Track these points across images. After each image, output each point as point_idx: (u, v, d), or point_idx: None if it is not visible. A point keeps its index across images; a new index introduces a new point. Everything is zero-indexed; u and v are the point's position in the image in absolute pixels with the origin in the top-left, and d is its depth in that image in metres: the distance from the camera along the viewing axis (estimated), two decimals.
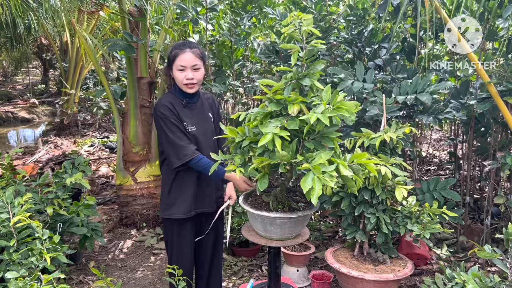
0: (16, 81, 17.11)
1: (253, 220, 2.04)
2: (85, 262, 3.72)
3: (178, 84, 2.32)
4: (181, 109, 2.33)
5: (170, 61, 2.31)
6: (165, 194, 2.43)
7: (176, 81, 2.33)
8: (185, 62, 2.26)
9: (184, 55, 2.26)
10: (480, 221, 4.21)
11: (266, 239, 2.03)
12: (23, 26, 8.26)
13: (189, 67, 2.27)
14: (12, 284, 2.02)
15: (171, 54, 2.30)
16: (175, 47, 2.31)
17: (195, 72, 2.29)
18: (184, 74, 2.27)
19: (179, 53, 2.26)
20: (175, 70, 2.28)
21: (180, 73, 2.28)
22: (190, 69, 2.28)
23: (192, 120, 2.35)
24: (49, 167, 6.17)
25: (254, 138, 1.77)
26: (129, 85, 4.33)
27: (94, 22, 9.16)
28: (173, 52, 2.29)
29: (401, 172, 2.55)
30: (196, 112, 2.40)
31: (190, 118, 2.35)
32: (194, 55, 2.27)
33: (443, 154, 7.31)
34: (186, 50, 2.26)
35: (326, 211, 4.29)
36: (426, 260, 3.48)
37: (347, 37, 3.74)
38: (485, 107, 3.08)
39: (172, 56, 2.28)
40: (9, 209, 2.52)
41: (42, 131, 10.85)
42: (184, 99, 2.36)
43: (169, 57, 2.32)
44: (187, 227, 2.43)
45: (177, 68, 2.27)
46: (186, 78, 2.28)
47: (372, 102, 3.11)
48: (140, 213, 4.45)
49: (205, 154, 2.25)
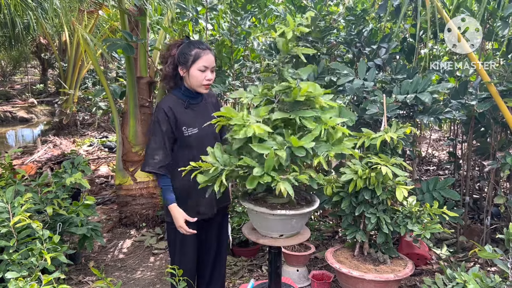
0: (14, 80, 17.09)
1: (255, 218, 2.04)
2: (85, 262, 3.72)
3: (195, 83, 2.29)
4: (182, 111, 2.32)
5: (188, 60, 2.25)
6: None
7: (191, 80, 2.29)
8: (208, 63, 2.27)
9: (208, 56, 2.26)
10: (480, 221, 4.21)
11: (268, 238, 2.02)
12: (21, 26, 8.24)
13: (209, 68, 2.28)
14: (12, 284, 2.02)
15: (190, 52, 2.25)
16: (194, 46, 2.27)
17: (212, 74, 2.31)
18: (204, 74, 2.27)
19: (202, 53, 2.25)
20: (195, 69, 2.25)
21: (201, 74, 2.26)
22: (210, 70, 2.29)
23: (194, 122, 2.33)
24: (48, 167, 6.16)
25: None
26: (129, 84, 4.32)
27: (93, 21, 9.14)
28: (193, 51, 2.25)
29: (401, 172, 2.55)
30: (199, 112, 2.38)
31: (192, 119, 2.33)
32: (213, 57, 2.30)
33: (442, 154, 7.32)
34: (207, 51, 2.27)
35: (326, 211, 4.29)
36: (426, 260, 3.48)
37: (346, 37, 3.73)
38: (486, 107, 3.08)
39: (194, 56, 2.24)
40: (9, 209, 2.52)
41: (40, 130, 10.83)
42: (187, 100, 2.35)
43: (187, 55, 2.25)
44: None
45: (198, 68, 2.25)
46: (206, 78, 2.28)
47: (372, 101, 3.11)
48: (139, 213, 4.44)
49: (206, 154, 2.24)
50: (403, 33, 4.08)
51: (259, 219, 2.00)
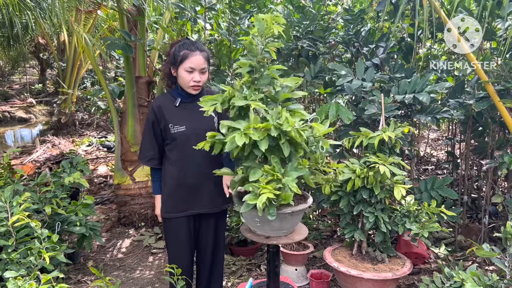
0: (13, 80, 17.04)
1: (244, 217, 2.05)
2: (83, 261, 3.72)
3: (183, 84, 2.32)
4: (171, 110, 2.35)
5: (177, 60, 2.28)
6: (166, 193, 2.45)
7: (180, 81, 2.32)
8: (195, 65, 2.26)
9: (195, 57, 2.26)
10: (478, 220, 4.22)
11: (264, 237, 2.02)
12: (20, 25, 8.23)
13: (197, 70, 2.28)
14: (11, 283, 2.02)
15: (179, 53, 2.27)
16: (184, 46, 2.28)
17: (201, 75, 2.30)
18: (191, 76, 2.28)
19: (189, 54, 2.25)
20: (182, 70, 2.28)
21: (188, 75, 2.28)
22: (198, 72, 2.29)
23: (182, 120, 2.35)
24: (47, 167, 6.16)
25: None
26: (127, 84, 4.32)
27: (91, 21, 9.13)
28: (182, 51, 2.26)
29: (399, 171, 2.56)
30: (191, 111, 2.37)
31: (180, 117, 2.35)
32: (203, 58, 2.28)
33: (440, 153, 7.33)
34: (196, 53, 2.26)
35: (324, 210, 4.30)
36: (424, 259, 3.49)
37: (345, 37, 3.74)
38: (483, 106, 3.09)
39: (181, 56, 2.26)
40: (8, 208, 2.52)
41: (39, 130, 10.81)
42: (179, 99, 2.37)
43: (176, 55, 2.28)
44: (183, 225, 2.43)
45: (185, 69, 2.27)
46: (194, 80, 2.28)
47: (370, 101, 3.12)
48: (138, 213, 4.44)
49: (195, 153, 2.24)
50: (401, 32, 4.09)
51: (246, 217, 2.04)
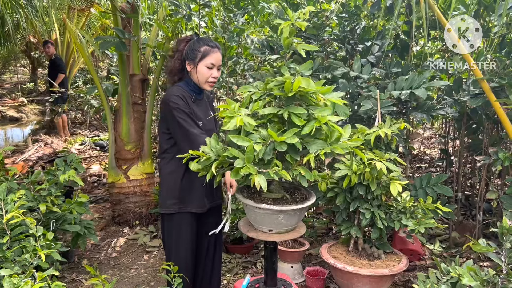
0: (4, 79, 16.85)
1: (246, 211, 2.04)
2: (78, 260, 3.69)
3: (200, 80, 2.33)
4: (190, 103, 2.34)
5: (196, 56, 2.30)
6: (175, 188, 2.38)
7: (198, 76, 2.33)
8: (215, 61, 2.32)
9: (217, 54, 2.32)
10: (472, 217, 4.25)
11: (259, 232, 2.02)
12: (11, 24, 8.14)
13: (216, 66, 2.33)
14: (6, 281, 1.99)
15: (199, 49, 2.30)
16: (204, 42, 2.32)
17: (218, 71, 2.36)
18: (211, 72, 2.32)
19: (211, 51, 2.30)
20: (203, 66, 2.30)
21: (208, 71, 2.31)
22: (217, 68, 2.33)
23: (200, 116, 2.37)
24: (40, 166, 6.10)
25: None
26: (121, 82, 4.29)
27: (84, 20, 9.06)
28: (202, 48, 2.30)
29: (395, 167, 2.57)
30: (203, 109, 2.43)
31: (198, 114, 2.37)
32: (221, 55, 2.35)
33: (433, 151, 7.38)
34: (216, 49, 2.32)
35: (319, 207, 4.30)
36: (419, 256, 3.50)
37: (339, 34, 3.75)
38: (478, 103, 3.11)
39: (202, 53, 2.29)
40: (2, 206, 2.49)
41: (31, 129, 10.70)
42: (194, 94, 2.37)
43: (196, 51, 2.30)
44: (192, 222, 2.42)
45: (206, 65, 2.30)
46: (212, 76, 2.33)
47: (366, 97, 3.12)
48: (132, 211, 4.42)
49: None
50: (396, 30, 4.10)
51: (248, 211, 2.02)
